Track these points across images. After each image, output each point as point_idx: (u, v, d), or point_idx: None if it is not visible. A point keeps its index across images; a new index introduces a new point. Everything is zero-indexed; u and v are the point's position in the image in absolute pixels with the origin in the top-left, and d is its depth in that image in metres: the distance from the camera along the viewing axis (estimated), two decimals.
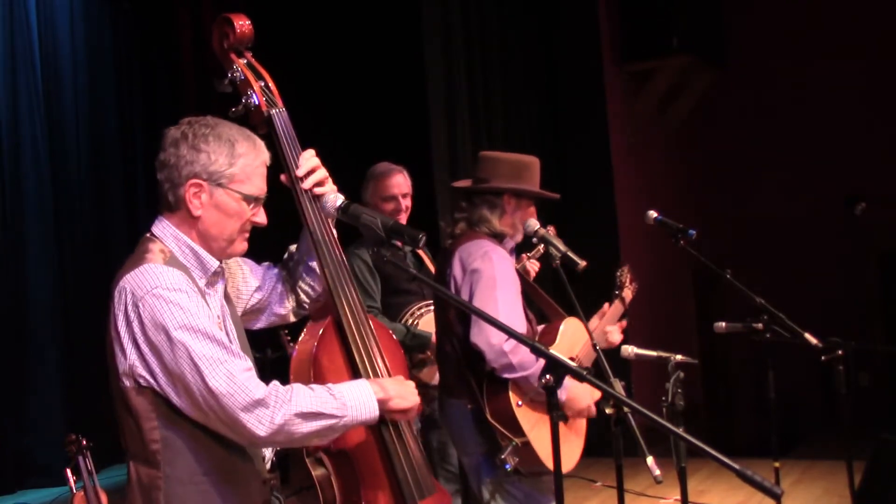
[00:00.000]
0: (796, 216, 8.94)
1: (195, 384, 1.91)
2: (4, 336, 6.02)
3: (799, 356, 4.01)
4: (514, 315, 2.96)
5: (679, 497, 3.01)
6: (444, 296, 2.97)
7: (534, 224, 3.17)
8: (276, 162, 2.23)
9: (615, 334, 3.46)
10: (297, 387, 2.02)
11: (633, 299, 3.66)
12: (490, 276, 2.99)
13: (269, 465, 2.22)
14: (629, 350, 3.10)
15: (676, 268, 8.22)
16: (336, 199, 2.28)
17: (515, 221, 3.17)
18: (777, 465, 4.18)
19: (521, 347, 2.86)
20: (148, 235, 2.09)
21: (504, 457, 2.90)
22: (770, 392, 4.13)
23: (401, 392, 2.17)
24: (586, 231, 6.21)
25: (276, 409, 1.94)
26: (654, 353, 3.05)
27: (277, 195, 2.27)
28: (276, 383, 2.00)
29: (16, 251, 6.17)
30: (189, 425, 1.98)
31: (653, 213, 3.73)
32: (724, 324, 3.96)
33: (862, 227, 7.15)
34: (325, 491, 2.26)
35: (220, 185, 2.05)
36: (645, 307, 7.27)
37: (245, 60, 2.31)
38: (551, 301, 3.36)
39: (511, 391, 2.96)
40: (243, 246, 2.15)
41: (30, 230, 6.25)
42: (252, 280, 2.35)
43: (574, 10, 7.22)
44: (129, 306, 1.95)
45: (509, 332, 2.09)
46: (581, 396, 3.09)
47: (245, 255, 2.29)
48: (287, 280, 2.41)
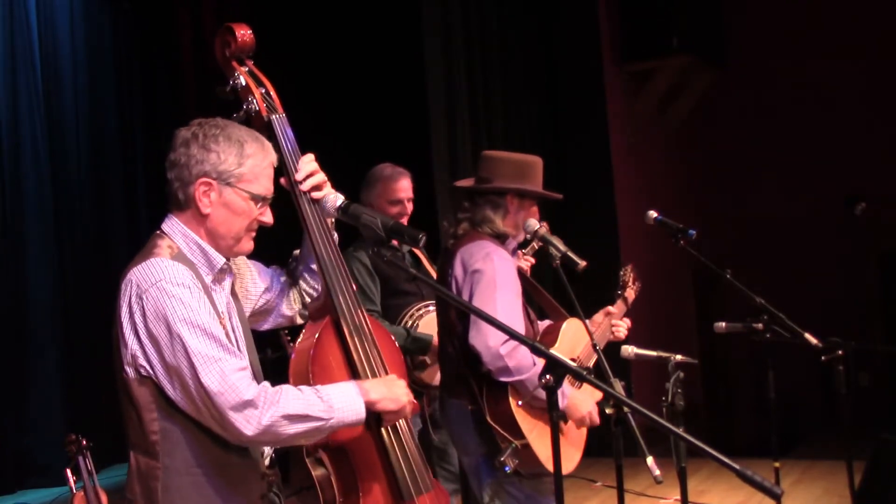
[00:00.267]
0: (796, 216, 8.93)
1: (190, 379, 1.96)
2: (4, 336, 6.02)
3: (799, 356, 4.01)
4: (513, 317, 2.96)
5: (679, 497, 3.01)
6: (444, 295, 2.97)
7: (534, 224, 3.17)
8: (277, 165, 2.26)
9: (622, 329, 3.46)
10: (285, 388, 2.06)
11: (634, 299, 3.66)
12: (491, 277, 2.99)
13: (268, 460, 2.24)
14: (629, 350, 3.10)
15: (676, 268, 8.22)
16: (336, 199, 2.33)
17: (518, 221, 3.17)
18: (777, 465, 4.18)
19: (518, 351, 2.87)
20: (158, 232, 2.14)
21: (504, 459, 2.90)
22: (770, 392, 4.13)
23: (390, 393, 2.20)
24: (586, 231, 6.22)
25: (264, 410, 1.98)
26: (654, 353, 3.05)
27: (278, 198, 2.29)
28: (265, 384, 2.05)
29: (16, 251, 6.17)
30: (188, 418, 2.02)
31: (653, 213, 3.74)
32: (724, 324, 3.96)
33: (862, 227, 7.14)
34: (325, 491, 2.28)
35: (229, 185, 2.10)
36: (645, 307, 7.25)
37: (246, 68, 2.37)
38: (552, 300, 3.36)
39: (511, 393, 2.96)
40: (249, 245, 2.20)
41: (30, 230, 6.25)
42: (260, 282, 2.39)
43: (574, 10, 7.22)
44: (133, 298, 2.00)
45: (509, 332, 2.09)
46: (581, 403, 3.09)
47: (252, 258, 2.33)
48: (292, 282, 2.46)
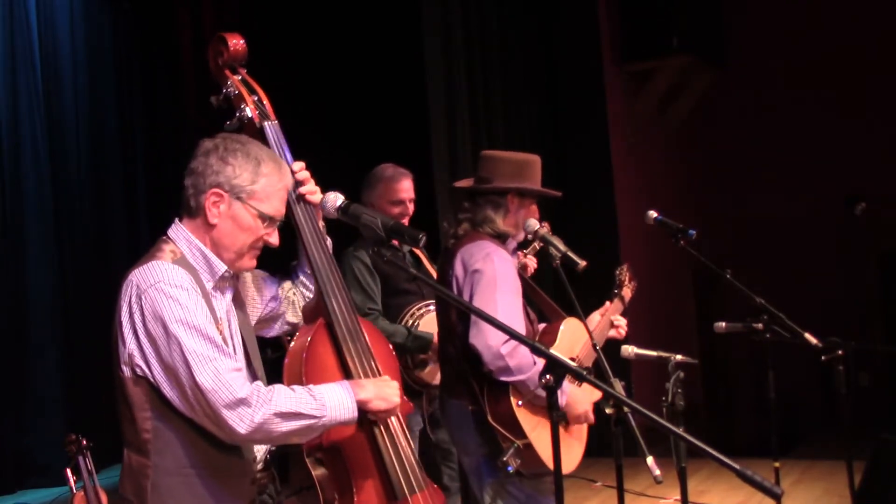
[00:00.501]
0: (796, 216, 8.94)
1: (185, 378, 2.01)
2: (4, 336, 6.02)
3: (799, 356, 4.01)
4: (513, 317, 2.96)
5: (679, 497, 3.01)
6: (444, 295, 2.97)
7: (534, 224, 3.18)
8: None
9: (622, 323, 3.46)
10: (278, 387, 2.11)
11: (632, 298, 3.66)
12: (491, 277, 2.99)
13: (260, 465, 2.25)
14: (629, 350, 3.10)
15: (676, 268, 8.22)
16: (336, 199, 2.37)
17: (518, 221, 3.17)
18: (777, 465, 4.18)
19: (519, 351, 2.87)
20: (163, 237, 2.19)
21: (506, 459, 2.90)
22: (770, 392, 4.13)
23: (382, 393, 2.23)
24: (586, 231, 6.21)
25: (257, 409, 2.02)
26: (654, 353, 3.06)
27: None
28: (258, 383, 2.10)
29: (16, 251, 6.17)
30: (180, 418, 2.06)
31: (653, 213, 3.74)
32: (724, 324, 3.96)
33: (862, 227, 7.14)
34: (325, 491, 2.28)
35: (240, 199, 2.15)
36: (645, 307, 7.27)
37: (239, 77, 2.41)
38: (551, 301, 3.36)
39: (511, 393, 2.96)
40: (251, 263, 2.24)
41: (30, 230, 6.24)
42: (266, 290, 2.45)
43: (574, 10, 7.22)
44: (132, 298, 2.05)
45: (509, 332, 2.10)
46: (579, 401, 3.09)
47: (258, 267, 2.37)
48: (296, 290, 2.51)
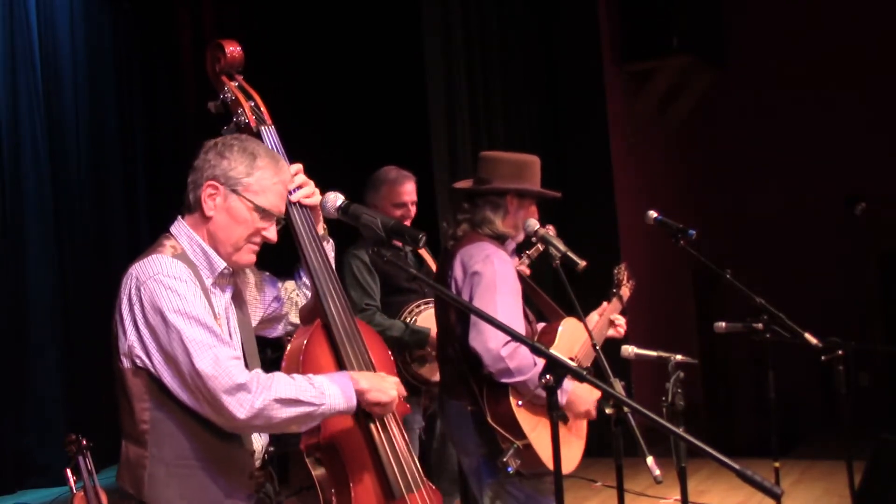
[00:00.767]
0: (796, 216, 8.94)
1: (185, 365, 2.03)
2: (4, 336, 6.01)
3: (799, 356, 4.01)
4: (513, 319, 2.96)
5: (679, 497, 3.01)
6: (444, 295, 2.97)
7: (534, 224, 3.17)
8: None
9: (621, 322, 3.46)
10: (278, 375, 2.13)
11: (631, 297, 3.66)
12: (490, 279, 2.99)
13: (258, 462, 2.25)
14: (629, 350, 3.10)
15: (676, 268, 8.22)
16: (336, 199, 2.39)
17: (518, 222, 3.17)
18: (777, 465, 4.18)
19: (519, 352, 2.87)
20: (165, 233, 2.23)
21: (506, 459, 2.90)
22: (770, 392, 4.13)
23: (380, 386, 2.25)
24: (586, 231, 6.21)
25: (257, 394, 2.05)
26: (654, 353, 3.06)
27: None
28: (258, 370, 2.12)
29: (16, 251, 6.17)
30: (179, 410, 2.09)
31: (653, 213, 3.74)
32: (724, 324, 3.96)
33: (862, 227, 7.14)
34: (325, 491, 2.29)
35: (235, 192, 2.18)
36: (645, 307, 7.27)
37: (236, 83, 2.45)
38: (551, 302, 3.36)
39: (511, 394, 2.96)
40: (250, 258, 2.26)
41: (30, 230, 6.24)
42: (269, 291, 2.48)
43: (574, 10, 7.21)
44: (132, 290, 2.09)
45: (509, 332, 2.10)
46: (582, 399, 3.09)
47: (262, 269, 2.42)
48: (299, 290, 2.55)
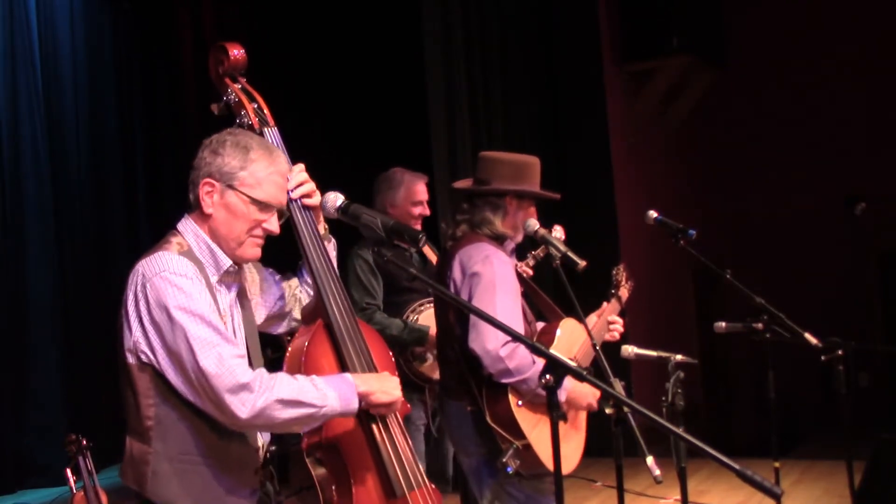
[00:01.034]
0: (796, 216, 8.93)
1: (189, 362, 2.04)
2: (4, 336, 6.02)
3: (799, 356, 4.01)
4: (512, 319, 2.95)
5: (679, 497, 3.02)
6: (444, 295, 2.97)
7: (534, 224, 3.17)
8: None
9: (618, 326, 3.46)
10: (281, 375, 2.14)
11: (630, 298, 3.66)
12: (490, 280, 2.99)
13: (261, 460, 2.26)
14: (629, 350, 3.10)
15: (676, 268, 8.22)
16: (336, 199, 2.39)
17: (517, 223, 3.17)
18: (777, 465, 4.18)
19: (518, 352, 2.88)
20: (172, 230, 2.24)
21: (505, 460, 2.90)
22: (770, 392, 4.13)
23: (383, 387, 2.26)
24: (586, 231, 6.20)
25: (259, 394, 2.05)
26: (654, 353, 3.06)
27: None
28: (262, 370, 2.13)
29: (16, 251, 6.17)
30: (183, 406, 2.09)
31: (653, 213, 3.74)
32: (724, 324, 3.96)
33: (862, 227, 7.15)
34: (325, 491, 2.29)
35: (231, 187, 2.18)
36: (645, 307, 7.27)
37: (239, 85, 2.46)
38: (550, 303, 3.36)
39: (511, 394, 2.97)
40: (255, 252, 2.25)
41: (30, 230, 6.25)
42: (274, 288, 2.49)
43: (574, 10, 7.21)
44: (138, 286, 2.10)
45: (509, 332, 2.10)
46: (582, 394, 3.09)
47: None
48: (302, 288, 2.55)
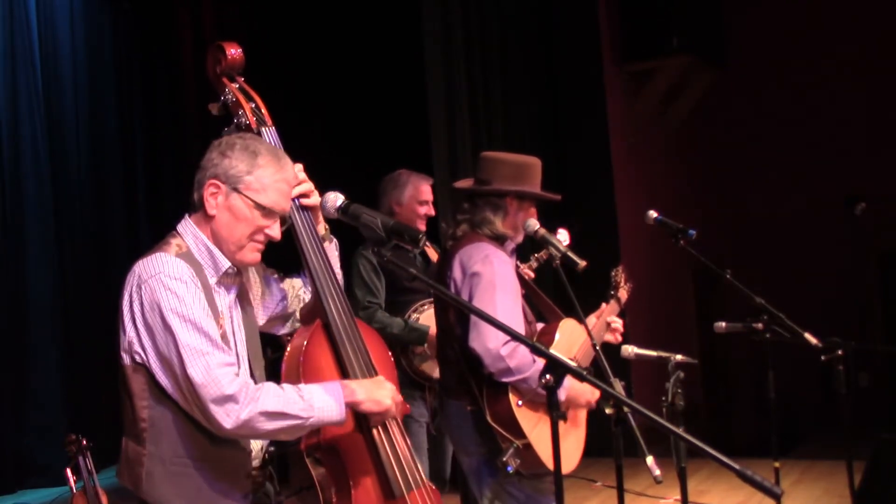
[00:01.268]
0: (796, 216, 8.94)
1: (178, 368, 2.05)
2: (4, 336, 6.02)
3: (799, 356, 4.01)
4: (512, 319, 2.95)
5: (679, 497, 3.02)
6: (444, 295, 2.97)
7: (534, 224, 3.17)
8: None
9: (618, 325, 3.46)
10: (267, 386, 2.13)
11: (629, 299, 3.67)
12: (490, 280, 2.99)
13: (257, 461, 2.28)
14: (629, 350, 3.10)
15: (676, 268, 8.22)
16: (336, 199, 2.39)
17: (517, 223, 3.17)
18: (777, 465, 4.18)
19: (518, 351, 2.88)
20: (172, 231, 2.23)
21: (505, 459, 2.90)
22: (770, 392, 4.13)
23: (373, 395, 2.25)
24: (586, 231, 6.20)
25: (244, 406, 2.06)
26: (654, 353, 3.06)
27: None
28: (249, 381, 2.12)
29: (16, 251, 6.17)
30: (176, 409, 2.10)
31: (653, 213, 3.74)
32: (724, 324, 3.96)
33: (862, 227, 7.15)
34: (325, 491, 2.29)
35: (236, 190, 2.18)
36: (645, 307, 7.27)
37: (237, 84, 2.45)
38: (550, 303, 3.36)
39: (511, 393, 2.97)
40: (254, 256, 2.25)
41: (30, 230, 6.25)
42: (276, 289, 2.49)
43: (574, 10, 7.21)
44: (133, 287, 2.11)
45: (509, 331, 2.10)
46: (581, 392, 3.09)
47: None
48: (305, 288, 2.55)
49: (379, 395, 2.26)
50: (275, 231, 2.23)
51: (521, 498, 3.05)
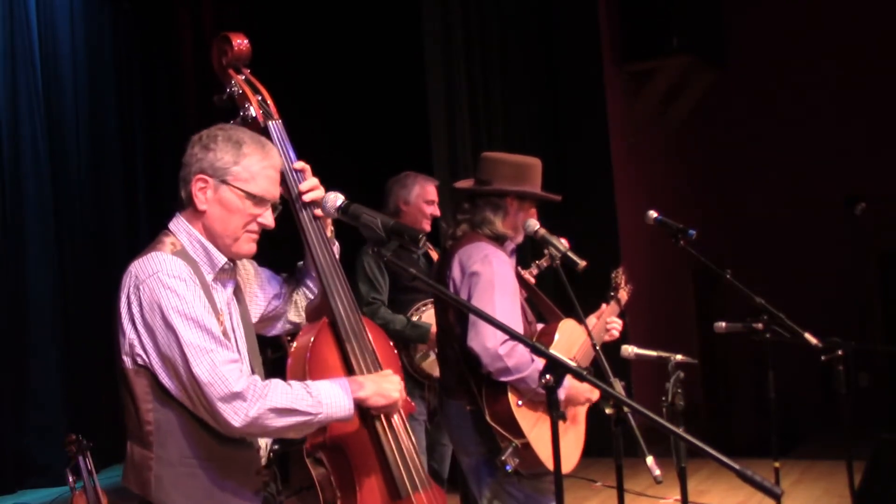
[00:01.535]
0: (796, 216, 8.94)
1: (182, 368, 2.01)
2: (4, 336, 6.02)
3: (799, 356, 4.01)
4: (512, 319, 2.96)
5: (679, 497, 3.02)
6: (443, 295, 2.97)
7: (534, 224, 3.18)
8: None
9: (616, 326, 3.46)
10: (274, 382, 2.10)
11: (629, 299, 3.67)
12: (489, 279, 2.99)
13: (264, 460, 2.27)
14: (629, 350, 3.10)
15: (676, 268, 8.22)
16: (336, 198, 2.36)
17: (517, 223, 3.17)
18: (777, 465, 4.18)
19: (517, 350, 2.88)
20: (164, 230, 2.20)
21: (505, 458, 2.91)
22: (770, 392, 4.13)
23: (381, 389, 2.23)
24: (586, 231, 6.21)
25: (252, 403, 2.03)
26: (654, 353, 3.06)
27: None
28: (255, 377, 2.09)
29: (16, 251, 6.18)
30: (182, 409, 2.07)
31: (653, 213, 3.74)
32: (724, 324, 3.96)
33: (862, 227, 7.15)
34: (325, 491, 2.29)
35: (225, 182, 2.15)
36: (645, 307, 7.27)
37: (243, 76, 2.41)
38: (550, 304, 3.36)
39: (510, 392, 2.97)
40: (250, 247, 2.23)
41: (30, 230, 6.25)
42: (270, 288, 2.45)
43: (574, 10, 7.21)
44: (131, 289, 2.07)
45: (507, 331, 2.09)
46: (580, 392, 3.10)
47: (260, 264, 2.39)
48: (299, 290, 2.52)
49: (386, 387, 2.24)
50: (267, 219, 2.21)
51: (521, 498, 3.05)
